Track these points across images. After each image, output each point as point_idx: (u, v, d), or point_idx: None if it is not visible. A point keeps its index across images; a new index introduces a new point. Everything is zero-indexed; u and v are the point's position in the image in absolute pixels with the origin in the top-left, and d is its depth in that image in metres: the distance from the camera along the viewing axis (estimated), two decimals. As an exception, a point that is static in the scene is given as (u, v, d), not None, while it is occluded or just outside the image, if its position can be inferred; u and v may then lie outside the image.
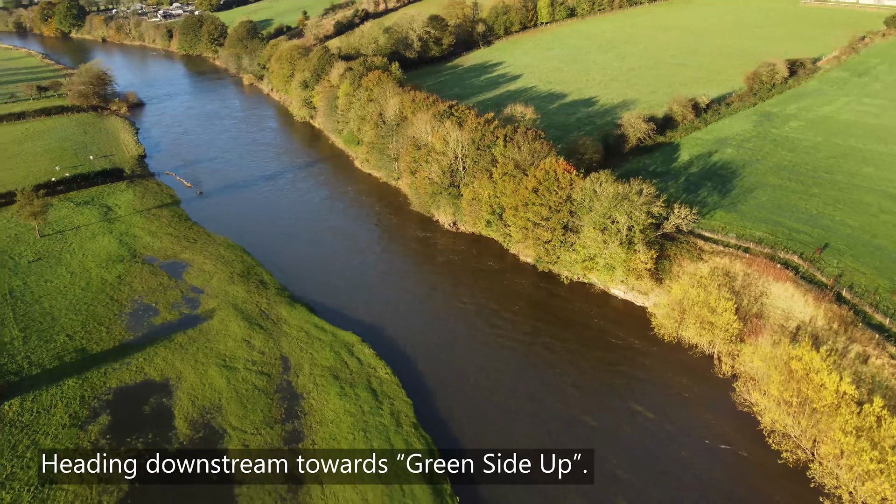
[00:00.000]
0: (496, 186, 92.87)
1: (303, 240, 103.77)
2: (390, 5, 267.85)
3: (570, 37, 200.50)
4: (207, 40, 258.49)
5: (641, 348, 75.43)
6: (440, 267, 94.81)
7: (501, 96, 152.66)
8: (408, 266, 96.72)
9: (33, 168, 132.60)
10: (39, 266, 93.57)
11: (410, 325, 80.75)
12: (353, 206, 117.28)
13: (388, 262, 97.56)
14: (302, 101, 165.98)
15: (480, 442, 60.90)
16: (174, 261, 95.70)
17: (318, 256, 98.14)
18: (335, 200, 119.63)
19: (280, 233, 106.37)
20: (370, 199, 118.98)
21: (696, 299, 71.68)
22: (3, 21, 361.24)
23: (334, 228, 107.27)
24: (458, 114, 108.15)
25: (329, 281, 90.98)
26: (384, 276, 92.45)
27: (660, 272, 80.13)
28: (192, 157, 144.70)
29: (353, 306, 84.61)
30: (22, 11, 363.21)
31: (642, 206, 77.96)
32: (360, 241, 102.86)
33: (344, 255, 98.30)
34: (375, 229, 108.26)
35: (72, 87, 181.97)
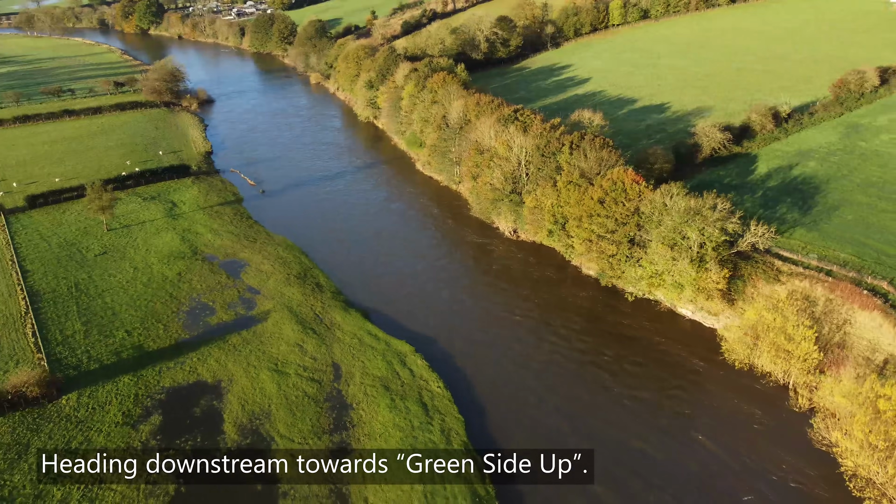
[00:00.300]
0: (560, 195, 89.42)
1: (360, 242, 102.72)
2: (458, 5, 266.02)
3: (642, 40, 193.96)
4: (277, 39, 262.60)
5: (708, 373, 70.89)
6: (497, 276, 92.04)
7: (568, 100, 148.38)
8: (464, 273, 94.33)
9: (105, 162, 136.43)
10: (104, 260, 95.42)
11: (464, 336, 78.34)
12: (412, 209, 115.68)
13: (444, 268, 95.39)
14: (366, 101, 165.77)
15: (532, 466, 58.13)
16: (233, 259, 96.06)
17: (374, 259, 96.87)
18: (394, 203, 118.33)
19: (338, 234, 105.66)
20: (430, 203, 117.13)
21: (771, 325, 66.71)
22: (88, 18, 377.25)
23: (392, 231, 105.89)
24: (522, 118, 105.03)
25: (384, 286, 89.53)
26: (440, 283, 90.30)
27: (732, 293, 75.16)
28: (256, 155, 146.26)
29: (408, 314, 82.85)
30: (105, 8, 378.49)
31: (716, 222, 73.23)
32: (417, 246, 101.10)
33: (400, 260, 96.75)
34: (433, 234, 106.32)
35: (146, 83, 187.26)
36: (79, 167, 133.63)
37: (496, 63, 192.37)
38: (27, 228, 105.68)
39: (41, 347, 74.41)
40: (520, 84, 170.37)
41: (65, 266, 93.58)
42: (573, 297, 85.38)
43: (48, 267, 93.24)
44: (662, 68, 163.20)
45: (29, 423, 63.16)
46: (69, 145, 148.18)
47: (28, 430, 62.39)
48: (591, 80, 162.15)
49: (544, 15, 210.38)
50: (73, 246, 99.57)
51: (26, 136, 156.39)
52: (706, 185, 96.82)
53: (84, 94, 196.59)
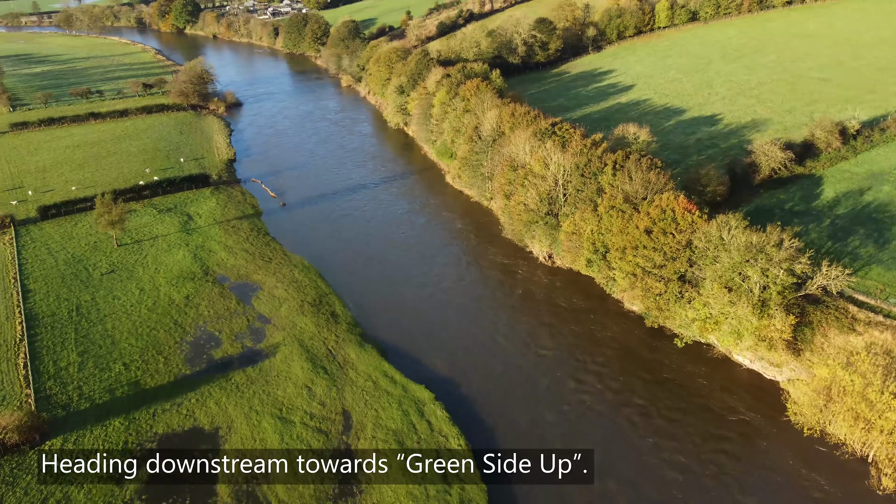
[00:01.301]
0: (601, 221, 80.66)
1: (380, 262, 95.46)
2: (496, 6, 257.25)
3: (690, 44, 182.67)
4: (311, 39, 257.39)
5: (763, 429, 62.10)
6: (528, 305, 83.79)
7: (610, 110, 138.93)
8: (492, 302, 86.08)
9: (125, 169, 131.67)
10: (110, 280, 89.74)
11: (489, 375, 70.51)
12: (439, 226, 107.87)
13: (470, 294, 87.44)
14: (397, 106, 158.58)
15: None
16: (245, 282, 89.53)
17: (394, 283, 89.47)
18: (420, 218, 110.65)
19: (358, 253, 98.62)
20: (458, 221, 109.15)
21: (848, 387, 57.24)
22: (126, 16, 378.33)
23: (415, 252, 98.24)
24: (561, 133, 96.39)
25: (404, 315, 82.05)
26: (465, 313, 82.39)
27: (798, 342, 65.63)
28: (279, 162, 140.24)
29: (428, 349, 75.27)
30: (143, 7, 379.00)
31: (782, 262, 63.85)
32: (442, 270, 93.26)
33: (423, 284, 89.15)
34: (461, 256, 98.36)
35: (174, 85, 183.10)
36: (97, 175, 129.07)
37: (534, 67, 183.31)
38: (36, 242, 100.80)
39: (31, 381, 68.64)
40: (559, 90, 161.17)
41: (69, 286, 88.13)
42: (611, 333, 76.72)
43: (51, 287, 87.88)
44: (712, 75, 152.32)
45: (5, 475, 57.07)
46: (91, 150, 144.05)
47: (3, 483, 56.30)
48: (635, 88, 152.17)
49: (586, 16, 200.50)
50: (80, 263, 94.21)
51: (50, 139, 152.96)
52: (765, 211, 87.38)
53: (112, 95, 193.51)
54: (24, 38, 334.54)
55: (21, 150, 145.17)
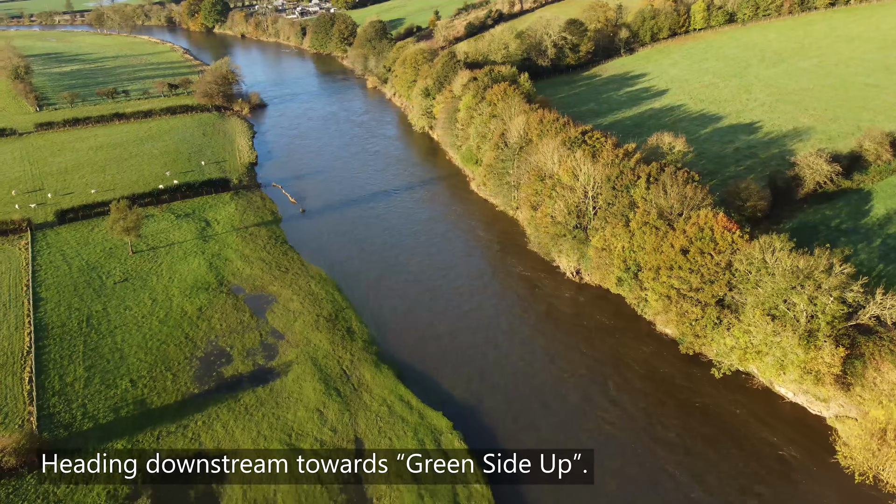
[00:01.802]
0: (633, 238, 76.00)
1: (400, 273, 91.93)
2: (526, 6, 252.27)
3: (727, 46, 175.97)
4: (338, 39, 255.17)
5: (807, 470, 57.15)
6: (552, 323, 79.56)
7: (643, 115, 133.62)
8: (514, 318, 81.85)
9: (146, 172, 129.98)
10: (123, 289, 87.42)
11: (508, 399, 66.50)
12: (462, 236, 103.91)
13: (492, 310, 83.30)
14: (422, 110, 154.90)
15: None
16: (260, 294, 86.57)
17: (413, 297, 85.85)
18: (441, 227, 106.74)
19: (377, 263, 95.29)
20: (482, 231, 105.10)
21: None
22: (157, 15, 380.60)
23: (436, 263, 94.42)
24: (591, 142, 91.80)
25: (422, 332, 78.41)
26: (487, 331, 78.28)
27: (848, 375, 60.38)
28: (301, 166, 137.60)
29: (446, 368, 71.59)
30: (173, 6, 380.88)
31: (832, 289, 58.71)
32: (464, 281, 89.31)
33: (442, 297, 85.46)
34: (484, 268, 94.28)
35: (199, 85, 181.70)
36: (118, 177, 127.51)
37: (564, 70, 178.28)
38: (52, 248, 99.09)
39: (35, 398, 66.28)
40: (589, 94, 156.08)
41: (81, 295, 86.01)
42: (640, 355, 72.08)
43: (63, 295, 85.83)
44: (751, 79, 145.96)
45: (0, 501, 54.57)
46: (113, 152, 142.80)
47: (-2, 510, 53.83)
48: (670, 92, 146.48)
49: (618, 17, 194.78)
50: (94, 270, 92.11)
51: (73, 140, 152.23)
52: (810, 228, 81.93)
53: (138, 95, 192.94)
54: (56, 37, 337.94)
55: (44, 151, 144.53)
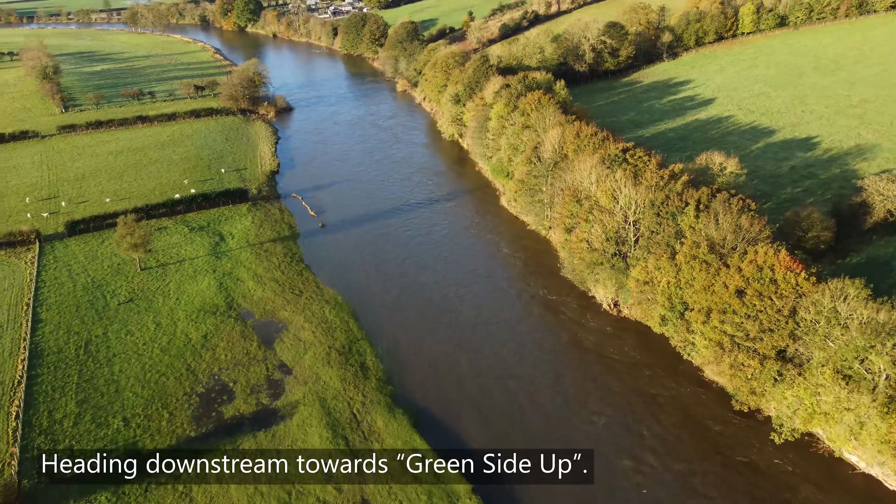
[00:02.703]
0: (680, 273, 67.94)
1: (420, 298, 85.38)
2: (563, 7, 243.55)
3: (778, 52, 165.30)
4: (368, 40, 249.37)
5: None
6: (584, 360, 72.03)
7: (688, 127, 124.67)
8: (543, 352, 74.39)
9: (163, 179, 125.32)
10: (127, 310, 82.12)
11: (532, 453, 58.91)
12: (488, 257, 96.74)
13: (516, 343, 76.04)
14: (451, 116, 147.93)
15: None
16: (271, 320, 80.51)
17: (434, 326, 79.23)
18: (468, 246, 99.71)
19: (396, 284, 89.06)
20: (511, 252, 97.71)
21: None
22: (191, 14, 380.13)
23: (461, 288, 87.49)
24: (633, 161, 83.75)
25: (441, 367, 71.87)
26: (512, 365, 71.20)
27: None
28: (323, 174, 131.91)
29: (468, 413, 64.67)
30: (207, 4, 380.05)
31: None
32: (493, 313, 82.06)
33: (467, 328, 78.84)
34: (510, 295, 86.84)
35: (225, 88, 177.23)
36: (135, 185, 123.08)
37: (602, 76, 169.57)
38: (58, 262, 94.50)
39: (19, 437, 60.97)
40: (629, 103, 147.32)
41: (82, 316, 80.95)
42: (680, 401, 64.38)
43: (63, 317, 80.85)
44: (806, 89, 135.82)
45: (-34, 565, 49.10)
46: (133, 157, 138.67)
47: (-39, 576, 48.30)
48: (716, 102, 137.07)
49: (661, 20, 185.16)
50: (99, 289, 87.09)
51: (95, 144, 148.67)
52: (881, 263, 73.01)
53: (164, 97, 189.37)
54: (91, 35, 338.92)
55: (64, 156, 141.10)
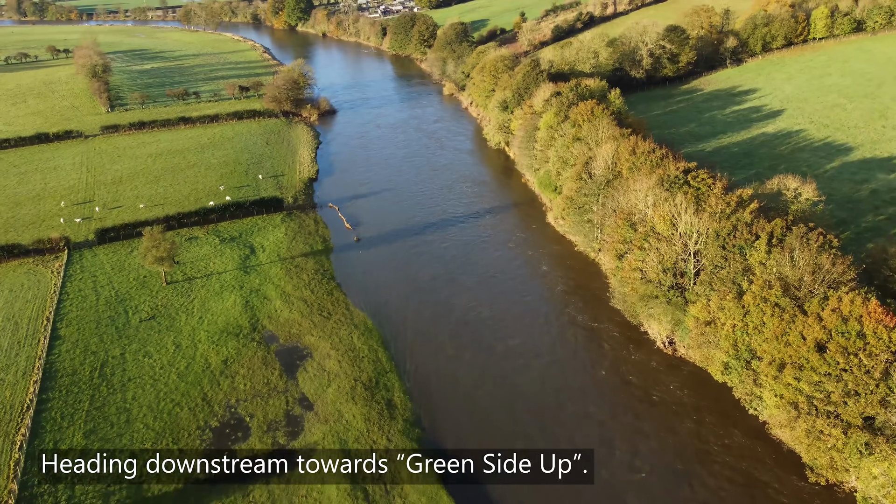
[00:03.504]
0: (748, 317, 59.97)
1: (453, 322, 79.57)
2: (620, 8, 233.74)
3: (855, 60, 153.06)
4: (417, 41, 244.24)
5: None
6: (633, 402, 64.62)
7: (753, 142, 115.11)
8: (586, 395, 67.11)
9: (199, 185, 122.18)
10: (148, 329, 78.19)
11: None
12: (530, 278, 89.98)
13: (561, 380, 69.23)
14: (498, 123, 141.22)
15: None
16: (295, 345, 75.42)
17: (468, 356, 73.14)
18: (508, 265, 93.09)
19: (430, 307, 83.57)
20: (556, 274, 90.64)
21: None
22: (243, 12, 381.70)
23: (497, 311, 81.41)
24: (696, 184, 75.72)
25: (474, 405, 65.68)
26: (554, 409, 64.23)
27: None
28: (361, 181, 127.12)
29: (502, 469, 57.60)
30: (259, 3, 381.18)
31: None
32: (528, 336, 75.66)
33: (502, 358, 72.20)
34: (553, 325, 79.71)
35: (269, 89, 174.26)
36: (170, 189, 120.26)
37: (659, 82, 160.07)
38: (85, 272, 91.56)
39: (20, 471, 57.07)
40: (689, 113, 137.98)
41: (101, 334, 77.35)
42: (740, 459, 56.36)
43: (83, 333, 77.39)
44: (887, 101, 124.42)
45: None
46: (172, 160, 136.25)
47: None
48: (785, 114, 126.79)
49: (724, 24, 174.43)
50: (122, 303, 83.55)
51: (136, 145, 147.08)
52: None
53: (209, 97, 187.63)
54: (145, 33, 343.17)
55: (104, 157, 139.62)
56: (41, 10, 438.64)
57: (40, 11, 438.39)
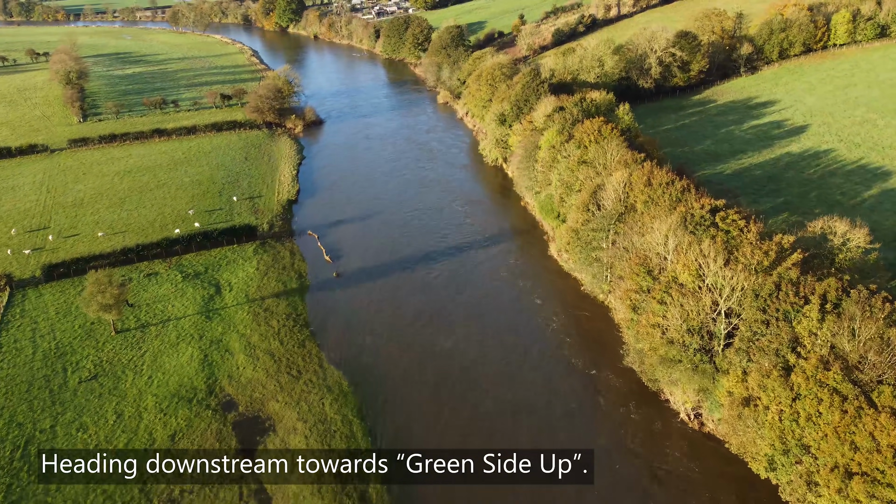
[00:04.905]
0: (799, 402, 49.04)
1: (438, 374, 68.93)
2: (624, 11, 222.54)
3: (881, 68, 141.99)
4: (411, 45, 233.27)
5: None
6: (652, 486, 53.82)
7: (778, 163, 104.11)
8: (602, 473, 56.25)
9: (167, 209, 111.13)
10: (87, 393, 67.26)
11: None
12: (528, 322, 79.07)
13: (579, 457, 57.98)
14: (496, 138, 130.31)
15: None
16: (257, 415, 64.51)
17: (453, 420, 61.74)
18: (503, 305, 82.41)
19: (413, 354, 73.44)
20: (557, 318, 79.64)
21: None
22: (234, 13, 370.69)
23: (489, 363, 71.20)
24: (725, 226, 64.76)
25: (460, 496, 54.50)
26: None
27: None
28: (345, 204, 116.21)
29: None
30: (250, 3, 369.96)
31: None
32: (525, 394, 64.40)
33: (496, 419, 60.63)
34: (563, 396, 68.31)
35: (251, 98, 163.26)
36: (134, 214, 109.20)
37: (669, 92, 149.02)
38: (25, 318, 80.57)
39: None
40: (703, 127, 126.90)
41: (32, 400, 66.38)
42: None
43: (10, 399, 66.40)
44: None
45: None
46: (140, 179, 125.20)
47: None
48: (810, 130, 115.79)
49: (737, 29, 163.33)
50: (61, 359, 72.49)
51: (104, 161, 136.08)
52: None
53: (188, 105, 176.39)
54: (132, 34, 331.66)
55: (68, 175, 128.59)
56: (27, 11, 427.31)
57: (27, 12, 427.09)
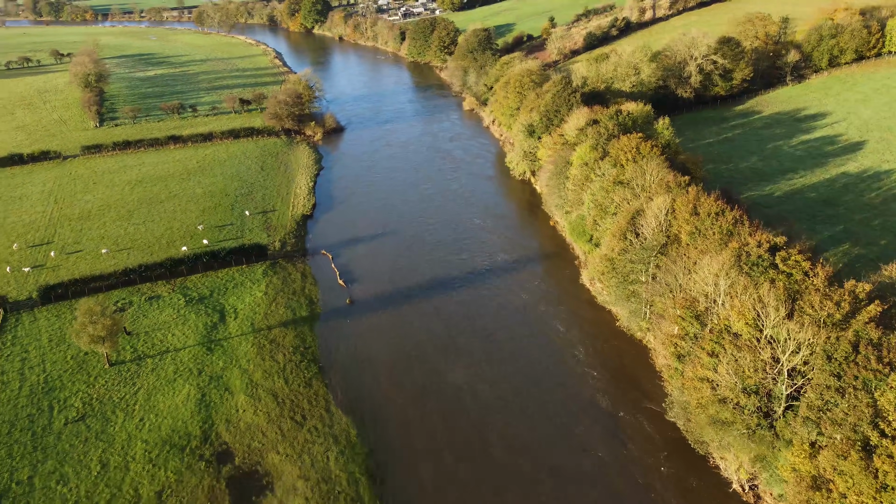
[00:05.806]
0: (885, 494, 41.04)
1: (453, 418, 61.39)
2: (659, 14, 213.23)
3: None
4: (437, 48, 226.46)
5: None
6: None
7: (834, 185, 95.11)
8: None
9: (175, 223, 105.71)
10: (72, 436, 61.50)
11: None
12: (555, 361, 71.69)
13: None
14: (523, 151, 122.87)
15: None
16: (254, 469, 58.07)
17: (471, 474, 54.73)
18: (527, 340, 75.36)
19: (427, 395, 66.78)
20: (588, 358, 71.89)
21: None
22: (259, 14, 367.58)
23: (510, 409, 63.24)
24: (787, 268, 56.64)
25: None
26: None
27: None
28: (362, 217, 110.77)
29: None
30: (276, 4, 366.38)
31: None
32: (546, 446, 56.91)
33: (512, 478, 53.79)
34: (585, 445, 60.93)
35: (270, 104, 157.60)
36: (141, 229, 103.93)
37: (709, 101, 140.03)
38: (16, 346, 75.28)
39: None
40: (748, 141, 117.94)
41: (13, 444, 60.87)
42: None
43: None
44: None
45: None
46: (152, 189, 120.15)
47: None
48: (867, 147, 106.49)
49: (782, 34, 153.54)
50: (48, 395, 66.89)
51: (116, 169, 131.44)
52: None
53: (206, 110, 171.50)
54: (158, 35, 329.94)
55: (78, 184, 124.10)
56: (57, 11, 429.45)
57: (56, 12, 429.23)
